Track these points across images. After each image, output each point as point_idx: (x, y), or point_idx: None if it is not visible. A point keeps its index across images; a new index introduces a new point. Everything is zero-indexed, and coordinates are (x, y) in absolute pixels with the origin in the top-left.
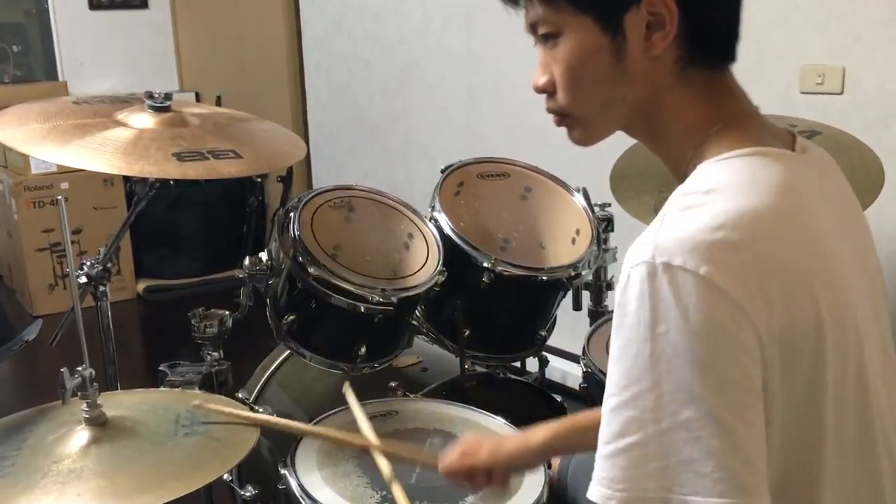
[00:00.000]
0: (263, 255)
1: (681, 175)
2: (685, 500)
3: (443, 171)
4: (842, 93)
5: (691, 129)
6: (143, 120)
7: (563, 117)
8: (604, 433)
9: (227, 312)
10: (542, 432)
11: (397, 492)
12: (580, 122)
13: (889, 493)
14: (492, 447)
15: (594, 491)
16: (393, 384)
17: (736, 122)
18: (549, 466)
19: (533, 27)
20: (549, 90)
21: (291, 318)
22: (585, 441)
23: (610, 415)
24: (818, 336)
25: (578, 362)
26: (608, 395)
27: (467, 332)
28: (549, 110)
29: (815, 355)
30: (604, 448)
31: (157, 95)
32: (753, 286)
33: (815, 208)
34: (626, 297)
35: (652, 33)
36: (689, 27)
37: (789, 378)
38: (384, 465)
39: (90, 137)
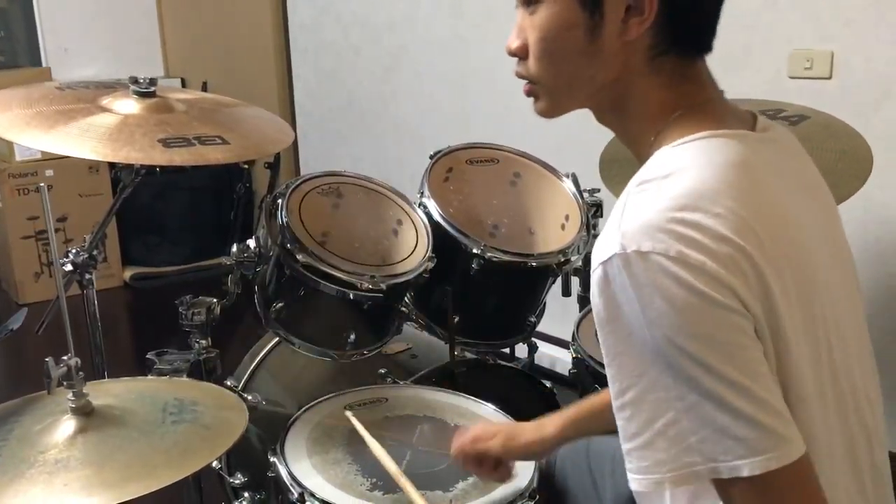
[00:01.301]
0: (251, 243)
1: (642, 159)
2: (733, 466)
3: (432, 157)
4: (830, 77)
5: (655, 115)
6: (128, 106)
7: (530, 85)
8: (633, 425)
9: (215, 300)
10: (553, 424)
11: (407, 486)
12: (546, 93)
13: (863, 460)
14: (505, 440)
15: (640, 482)
16: (382, 371)
17: (697, 108)
18: None
19: None
20: (520, 55)
21: (280, 305)
22: (596, 425)
23: (635, 406)
24: (787, 309)
25: (568, 348)
26: (625, 388)
27: (457, 319)
28: (518, 75)
29: (778, 324)
30: (637, 440)
31: (141, 80)
32: (723, 260)
33: (773, 184)
34: (612, 290)
35: (630, 17)
36: (668, 17)
37: (776, 333)
38: (388, 461)
39: (74, 123)
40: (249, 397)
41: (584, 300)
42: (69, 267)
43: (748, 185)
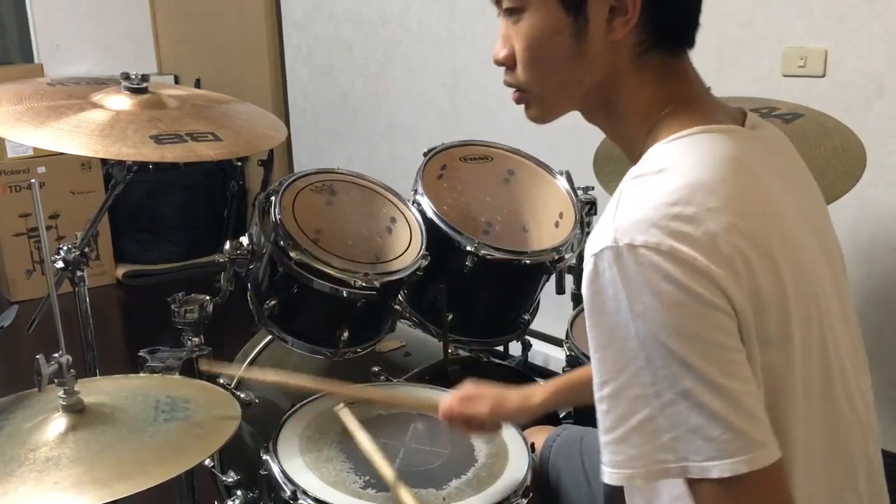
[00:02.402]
0: (244, 240)
1: (635, 158)
2: (703, 467)
3: (425, 155)
4: (823, 75)
5: (644, 113)
6: (120, 102)
7: (520, 93)
8: (609, 419)
9: (208, 297)
10: (540, 393)
11: (404, 494)
12: (537, 100)
13: (857, 455)
14: (493, 405)
15: (613, 476)
16: (376, 369)
17: (687, 103)
18: (533, 450)
19: None
20: (507, 64)
21: (273, 302)
22: (581, 397)
23: (612, 400)
24: (782, 303)
25: (561, 346)
26: (604, 382)
27: (450, 317)
28: (507, 84)
29: (781, 322)
30: (613, 434)
31: (133, 77)
32: (715, 255)
33: (764, 179)
34: (600, 283)
35: (614, 17)
36: (651, 14)
37: (761, 335)
38: (385, 468)
39: (65, 119)
40: (242, 395)
41: (577, 298)
42: (61, 264)
43: (741, 180)
